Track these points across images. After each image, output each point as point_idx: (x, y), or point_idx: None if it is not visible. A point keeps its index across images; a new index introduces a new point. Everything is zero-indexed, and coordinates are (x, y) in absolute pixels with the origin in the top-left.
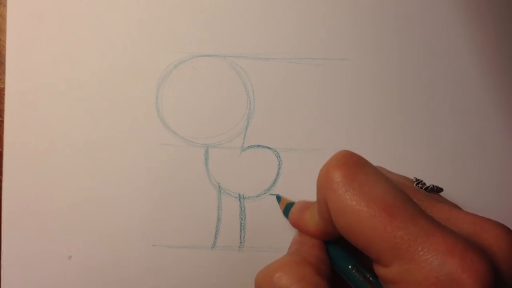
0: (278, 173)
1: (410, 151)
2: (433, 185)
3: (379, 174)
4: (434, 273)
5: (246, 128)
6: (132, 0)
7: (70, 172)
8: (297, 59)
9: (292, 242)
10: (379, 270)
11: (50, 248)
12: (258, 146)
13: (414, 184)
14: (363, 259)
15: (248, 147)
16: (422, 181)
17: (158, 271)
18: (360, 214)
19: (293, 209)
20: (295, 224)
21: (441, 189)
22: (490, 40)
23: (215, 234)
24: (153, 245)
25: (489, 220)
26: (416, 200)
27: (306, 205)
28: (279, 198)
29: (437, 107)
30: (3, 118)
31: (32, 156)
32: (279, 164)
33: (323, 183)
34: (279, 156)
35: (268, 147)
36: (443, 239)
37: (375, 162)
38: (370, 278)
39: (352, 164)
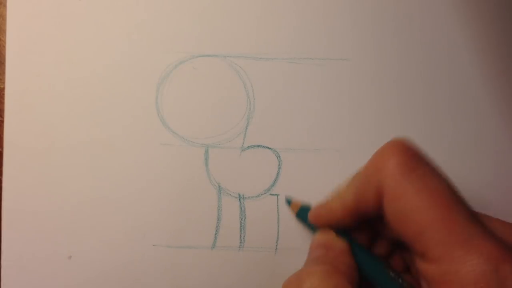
0: (278, 173)
1: None
2: None
3: (438, 168)
4: (485, 278)
5: (246, 128)
6: (132, 0)
7: (70, 172)
8: (297, 59)
9: (314, 245)
10: (423, 265)
11: (50, 248)
12: (258, 146)
13: None
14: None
15: (248, 147)
16: None
17: (158, 271)
18: (419, 203)
19: (313, 207)
20: (317, 218)
21: None
22: (490, 40)
23: (215, 234)
24: (153, 245)
25: None
26: None
27: (326, 199)
28: (289, 201)
29: (436, 107)
30: (3, 118)
31: (32, 156)
32: (279, 164)
33: (379, 167)
34: (279, 156)
35: (268, 147)
36: (497, 245)
37: None
38: (401, 280)
39: (412, 153)
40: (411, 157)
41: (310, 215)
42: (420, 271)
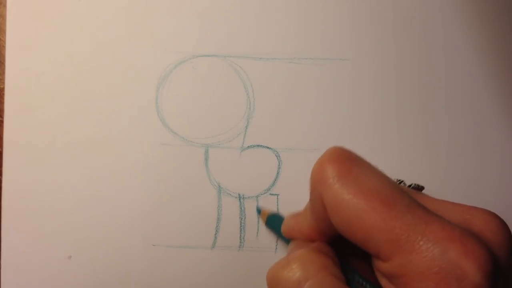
0: (278, 173)
1: (409, 150)
2: (415, 184)
3: (372, 166)
4: (436, 262)
5: (246, 128)
6: (132, 0)
7: (70, 172)
8: (297, 59)
9: (292, 248)
10: (380, 265)
11: (50, 248)
12: (258, 146)
13: None
14: (355, 266)
15: (248, 147)
16: (403, 181)
17: (158, 271)
18: (358, 207)
19: (285, 221)
20: (289, 232)
21: (422, 187)
22: (490, 41)
23: (215, 234)
24: (153, 245)
25: (476, 207)
26: None
27: (298, 212)
28: (259, 210)
29: (436, 107)
30: (3, 118)
31: (32, 156)
32: (279, 164)
33: (318, 179)
34: (279, 156)
35: (268, 147)
36: (441, 226)
37: (374, 162)
38: (368, 286)
39: (345, 158)
40: (344, 162)
41: (283, 230)
42: (379, 272)
